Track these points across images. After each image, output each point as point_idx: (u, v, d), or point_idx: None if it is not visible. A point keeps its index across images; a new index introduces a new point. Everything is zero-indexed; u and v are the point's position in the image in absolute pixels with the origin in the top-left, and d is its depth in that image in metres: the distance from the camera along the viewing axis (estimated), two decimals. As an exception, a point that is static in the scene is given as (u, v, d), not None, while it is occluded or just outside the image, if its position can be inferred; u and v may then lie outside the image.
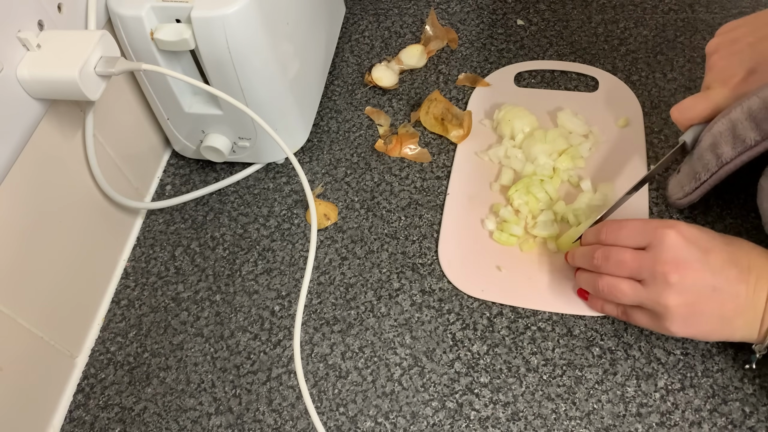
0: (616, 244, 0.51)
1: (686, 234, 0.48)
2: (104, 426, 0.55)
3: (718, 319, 0.47)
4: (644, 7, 0.77)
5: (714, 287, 0.46)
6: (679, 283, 0.46)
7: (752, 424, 0.49)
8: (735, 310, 0.47)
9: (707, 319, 0.47)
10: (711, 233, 0.49)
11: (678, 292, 0.47)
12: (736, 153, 0.51)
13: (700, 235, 0.48)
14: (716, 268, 0.47)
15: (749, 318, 0.47)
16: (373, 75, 0.74)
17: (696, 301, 0.47)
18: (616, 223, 0.52)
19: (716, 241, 0.48)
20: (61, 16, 0.52)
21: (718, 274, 0.46)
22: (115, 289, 0.63)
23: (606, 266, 0.51)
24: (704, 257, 0.47)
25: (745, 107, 0.50)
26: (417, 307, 0.58)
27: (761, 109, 0.48)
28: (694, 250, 0.47)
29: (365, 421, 0.53)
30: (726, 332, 0.48)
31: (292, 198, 0.67)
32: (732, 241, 0.49)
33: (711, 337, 0.50)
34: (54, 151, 0.54)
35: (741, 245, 0.49)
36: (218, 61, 0.57)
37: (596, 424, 0.51)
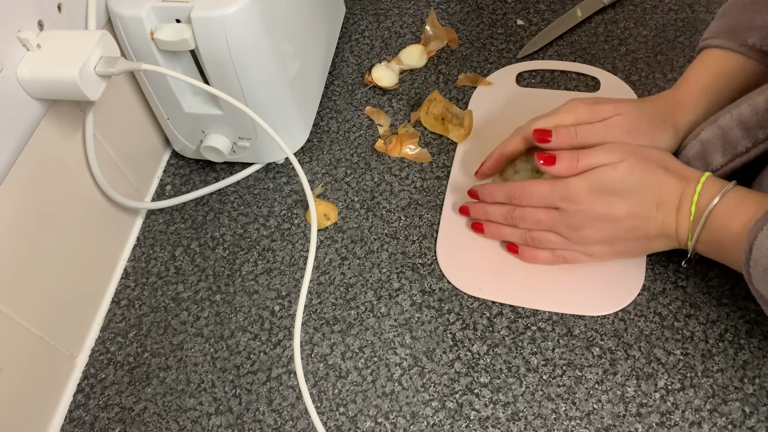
0: (530, 205, 0.55)
1: (589, 194, 0.51)
2: (104, 426, 0.55)
3: (636, 246, 0.54)
4: (644, 7, 0.77)
5: (625, 229, 0.52)
6: (592, 237, 0.53)
7: (752, 424, 0.49)
8: (648, 239, 0.52)
9: (626, 248, 0.54)
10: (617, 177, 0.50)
11: (594, 244, 0.54)
12: (726, 160, 0.52)
13: (603, 184, 0.51)
14: (623, 216, 0.51)
15: (664, 241, 0.52)
16: (373, 75, 0.74)
17: (612, 243, 0.54)
18: (524, 187, 0.55)
19: (624, 181, 0.50)
20: (61, 16, 0.52)
21: (626, 220, 0.51)
22: (115, 289, 0.63)
23: (524, 224, 0.56)
24: (610, 210, 0.51)
25: (735, 114, 0.51)
26: (417, 307, 0.58)
27: (752, 115, 0.50)
28: (600, 207, 0.51)
29: (365, 421, 0.53)
30: (647, 251, 0.56)
31: (292, 198, 0.67)
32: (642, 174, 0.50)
33: (635, 255, 0.57)
34: (54, 151, 0.54)
35: (652, 181, 0.50)
36: (218, 61, 0.57)
37: (596, 424, 0.51)
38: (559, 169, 0.52)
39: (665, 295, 0.56)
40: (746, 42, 0.53)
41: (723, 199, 0.47)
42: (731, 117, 0.51)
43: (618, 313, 0.56)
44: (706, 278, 0.56)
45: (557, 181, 0.53)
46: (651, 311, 0.55)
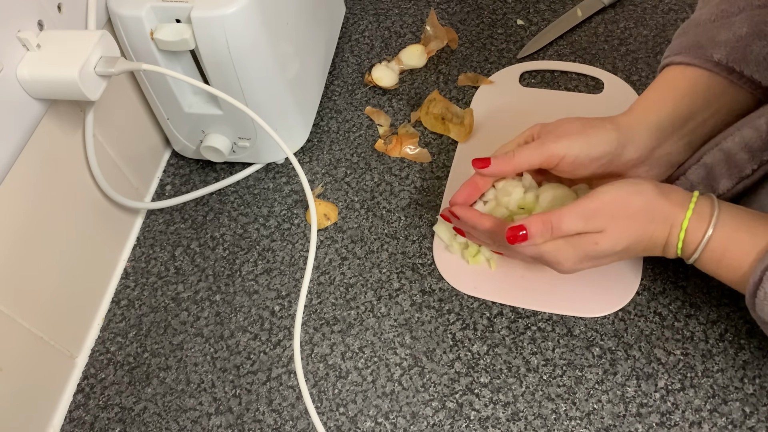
0: None
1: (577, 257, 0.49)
2: (104, 426, 0.55)
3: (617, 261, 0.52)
4: (644, 7, 0.77)
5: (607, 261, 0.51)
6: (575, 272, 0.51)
7: (752, 424, 0.49)
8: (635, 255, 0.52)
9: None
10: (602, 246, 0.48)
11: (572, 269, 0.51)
12: (732, 184, 0.51)
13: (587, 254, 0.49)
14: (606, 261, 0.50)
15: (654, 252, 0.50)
16: (373, 75, 0.74)
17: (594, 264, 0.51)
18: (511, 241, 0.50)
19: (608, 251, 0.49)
20: (61, 16, 0.52)
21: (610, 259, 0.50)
22: (115, 289, 0.63)
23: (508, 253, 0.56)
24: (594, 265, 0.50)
25: (737, 138, 0.50)
26: (417, 307, 0.58)
27: (756, 138, 0.49)
28: (585, 264, 0.50)
29: (365, 421, 0.53)
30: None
31: (292, 198, 0.67)
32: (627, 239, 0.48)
33: None
34: (54, 151, 0.54)
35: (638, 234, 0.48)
36: (218, 61, 0.57)
37: (596, 424, 0.51)
38: (533, 242, 0.50)
39: (665, 295, 0.56)
40: (711, 58, 0.52)
41: (711, 241, 0.47)
42: (734, 141, 0.50)
43: (618, 313, 0.56)
44: (706, 278, 0.56)
45: (537, 249, 0.50)
46: (651, 311, 0.55)
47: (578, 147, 0.51)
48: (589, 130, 0.52)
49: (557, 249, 0.49)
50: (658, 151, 0.53)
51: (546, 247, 0.49)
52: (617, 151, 0.52)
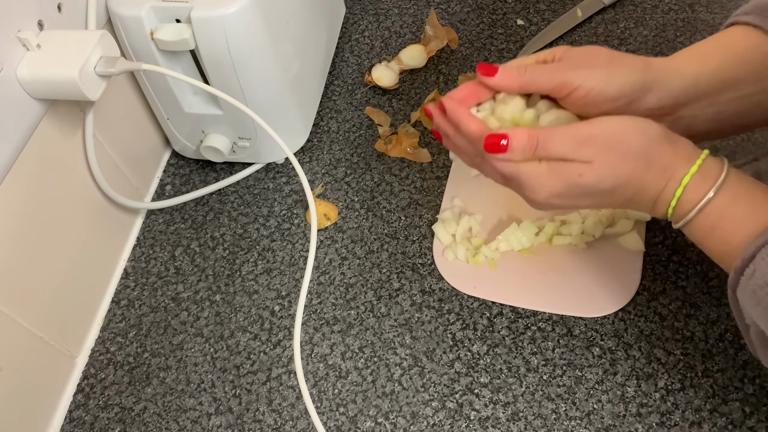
0: None
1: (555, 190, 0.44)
2: (104, 426, 0.55)
3: None
4: (644, 7, 0.77)
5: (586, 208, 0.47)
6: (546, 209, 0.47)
7: (752, 424, 0.49)
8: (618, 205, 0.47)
9: None
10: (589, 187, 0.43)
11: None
12: None
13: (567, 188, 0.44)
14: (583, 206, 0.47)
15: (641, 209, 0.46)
16: (373, 75, 0.74)
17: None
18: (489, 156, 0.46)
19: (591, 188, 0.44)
20: (61, 16, 0.52)
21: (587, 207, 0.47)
22: (115, 289, 0.63)
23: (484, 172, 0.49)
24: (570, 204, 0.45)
25: None
26: (417, 307, 0.58)
27: None
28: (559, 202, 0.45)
29: (365, 421, 0.53)
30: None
31: (292, 198, 0.67)
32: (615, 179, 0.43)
33: None
34: (54, 151, 0.54)
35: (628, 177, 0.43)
36: (218, 61, 0.57)
37: (596, 424, 0.51)
38: (512, 156, 0.44)
39: (665, 295, 0.56)
40: None
41: (708, 205, 0.42)
42: None
43: (618, 313, 0.56)
44: (706, 278, 0.56)
45: (514, 167, 0.45)
46: (651, 311, 0.55)
47: (595, 80, 0.45)
48: (613, 64, 0.46)
49: (536, 173, 0.44)
50: (683, 110, 0.48)
51: (524, 168, 0.44)
52: (638, 94, 0.46)
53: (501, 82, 0.47)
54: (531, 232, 0.59)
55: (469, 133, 0.46)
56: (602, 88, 0.45)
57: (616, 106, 0.46)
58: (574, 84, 0.45)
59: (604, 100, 0.45)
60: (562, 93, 0.46)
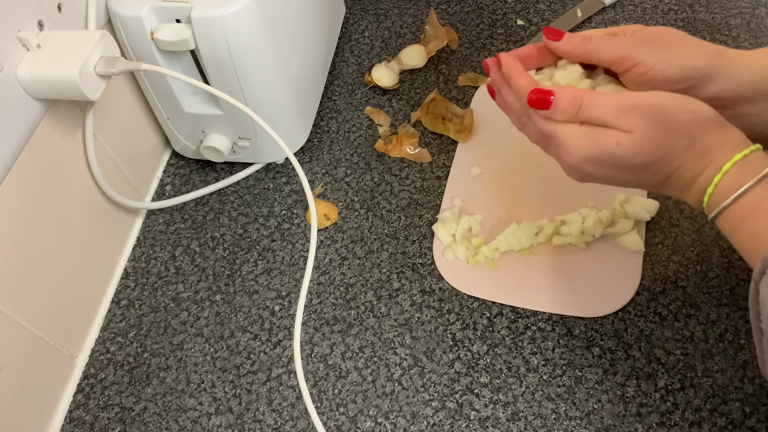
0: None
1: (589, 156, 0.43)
2: (104, 426, 0.55)
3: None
4: (644, 7, 0.77)
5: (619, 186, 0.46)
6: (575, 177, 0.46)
7: (752, 424, 0.49)
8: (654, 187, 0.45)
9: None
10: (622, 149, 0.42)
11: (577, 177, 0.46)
12: None
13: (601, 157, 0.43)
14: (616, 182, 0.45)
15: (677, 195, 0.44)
16: (373, 75, 0.74)
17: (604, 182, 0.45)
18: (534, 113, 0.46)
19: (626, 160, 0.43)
20: (61, 16, 0.52)
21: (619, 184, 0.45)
22: (115, 289, 0.63)
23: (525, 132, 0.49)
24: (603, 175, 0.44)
25: None
26: (417, 307, 0.58)
27: None
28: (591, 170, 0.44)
29: (365, 421, 0.53)
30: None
31: (292, 198, 0.67)
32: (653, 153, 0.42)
33: None
34: (54, 151, 0.54)
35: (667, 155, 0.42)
36: (218, 61, 0.57)
37: (596, 424, 0.51)
38: (554, 114, 0.44)
39: (665, 295, 0.56)
40: None
41: (745, 195, 0.40)
42: None
43: (618, 313, 0.56)
44: (706, 278, 0.56)
45: (554, 126, 0.44)
46: (651, 311, 0.55)
47: (658, 58, 0.44)
48: (682, 46, 0.45)
49: (574, 135, 0.43)
50: (747, 107, 0.45)
51: (564, 128, 0.44)
52: (701, 80, 0.44)
53: (565, 47, 0.47)
54: (531, 232, 0.59)
55: (519, 88, 0.46)
56: (663, 68, 0.44)
57: (676, 89, 0.44)
58: (636, 59, 0.44)
59: (663, 80, 0.44)
60: (622, 67, 0.45)
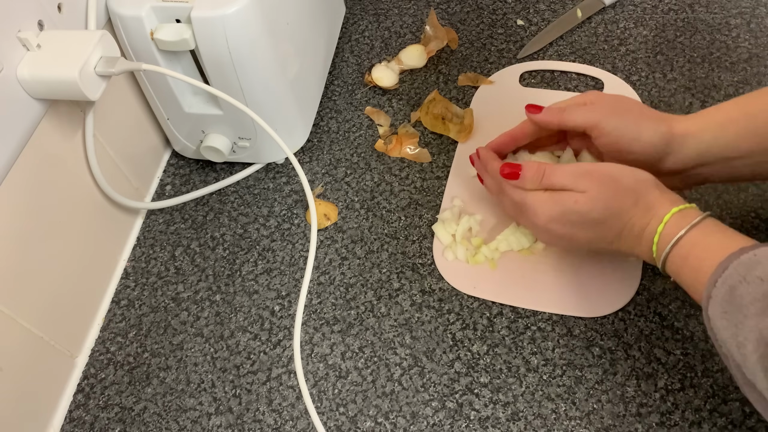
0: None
1: (552, 215, 0.50)
2: (104, 426, 0.55)
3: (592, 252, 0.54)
4: (644, 7, 0.77)
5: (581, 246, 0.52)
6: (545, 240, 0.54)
7: (752, 424, 0.49)
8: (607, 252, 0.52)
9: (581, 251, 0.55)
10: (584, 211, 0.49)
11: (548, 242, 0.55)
12: None
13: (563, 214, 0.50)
14: (578, 241, 0.51)
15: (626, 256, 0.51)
16: (373, 75, 0.74)
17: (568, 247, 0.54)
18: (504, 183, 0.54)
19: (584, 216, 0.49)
20: (61, 16, 0.52)
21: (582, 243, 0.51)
22: (115, 289, 0.63)
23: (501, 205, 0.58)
24: (565, 234, 0.50)
25: None
26: (417, 307, 0.58)
27: None
28: (557, 228, 0.50)
29: (365, 421, 0.53)
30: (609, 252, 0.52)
31: (292, 198, 0.67)
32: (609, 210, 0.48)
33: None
34: (54, 151, 0.54)
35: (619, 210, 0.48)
36: (218, 61, 0.57)
37: (596, 424, 0.51)
38: (523, 183, 0.52)
39: (665, 295, 0.56)
40: None
41: (683, 238, 0.44)
42: None
43: (618, 313, 0.56)
44: (706, 278, 0.56)
45: (523, 194, 0.52)
46: (651, 311, 0.55)
47: (625, 131, 0.51)
48: (642, 121, 0.51)
49: (540, 199, 0.51)
50: (699, 169, 0.52)
51: (531, 195, 0.51)
52: (658, 157, 0.51)
53: (545, 119, 0.55)
54: (530, 232, 0.59)
55: (493, 170, 0.55)
56: (629, 142, 0.51)
57: (640, 160, 0.51)
58: (606, 130, 0.51)
59: (629, 151, 0.51)
60: (593, 133, 0.52)
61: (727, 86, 0.68)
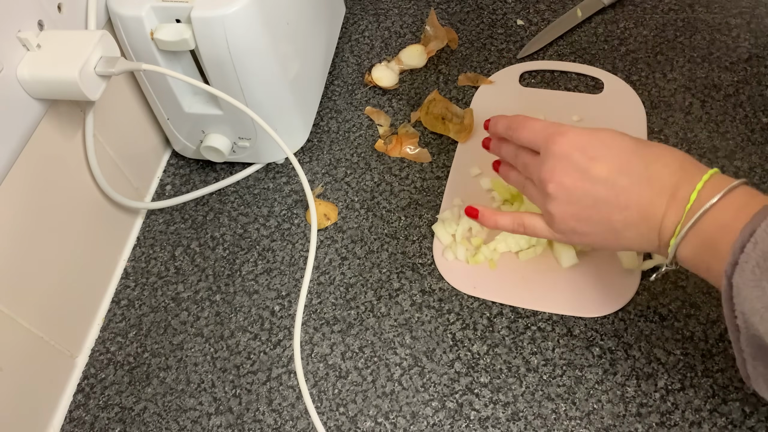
0: (519, 143, 0.50)
1: (575, 141, 0.45)
2: (104, 426, 0.55)
3: (605, 230, 0.45)
4: (644, 7, 0.77)
5: (595, 198, 0.44)
6: (555, 193, 0.46)
7: (752, 424, 0.49)
8: (623, 222, 0.44)
9: (593, 230, 0.46)
10: (611, 139, 0.45)
11: (557, 203, 0.46)
12: None
13: (590, 142, 0.45)
14: (599, 178, 0.44)
15: (642, 230, 0.44)
16: (373, 75, 0.74)
17: (578, 212, 0.46)
18: (522, 121, 0.49)
19: (612, 149, 0.45)
20: (61, 16, 0.52)
21: (601, 184, 0.44)
22: (115, 289, 0.63)
23: (516, 164, 0.52)
24: (587, 165, 0.44)
25: None
26: (417, 307, 0.58)
27: None
28: (578, 158, 0.45)
29: (365, 421, 0.53)
30: (618, 243, 0.46)
31: (292, 198, 0.67)
32: (640, 149, 0.44)
33: (606, 247, 0.48)
34: (54, 151, 0.54)
35: (652, 153, 0.44)
36: (218, 61, 0.57)
37: (596, 424, 0.51)
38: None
39: (665, 295, 0.56)
40: None
41: (732, 192, 0.40)
42: None
43: (618, 313, 0.56)
44: (706, 278, 0.56)
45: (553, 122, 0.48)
46: (651, 311, 0.55)
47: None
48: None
49: (567, 128, 0.46)
50: None
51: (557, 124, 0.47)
52: None
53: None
54: None
55: None
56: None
57: None
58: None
59: None
60: None
61: (727, 86, 0.68)
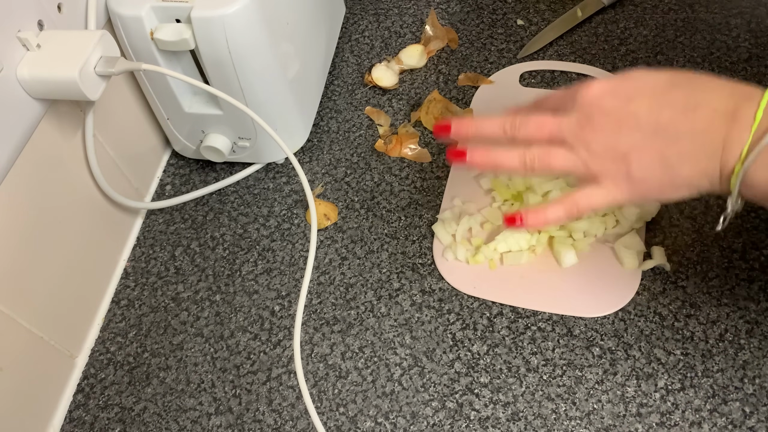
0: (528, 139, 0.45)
1: (603, 88, 0.41)
2: (104, 426, 0.55)
3: (659, 171, 0.40)
4: (644, 7, 0.77)
5: (643, 136, 0.40)
6: (601, 139, 0.41)
7: (752, 424, 0.49)
8: (678, 155, 0.39)
9: (647, 174, 0.40)
10: (641, 77, 0.41)
11: (605, 152, 0.41)
12: None
13: (620, 85, 0.41)
14: (640, 117, 0.40)
15: (700, 161, 0.39)
16: (373, 75, 0.74)
17: (626, 158, 0.40)
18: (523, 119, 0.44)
19: (647, 85, 0.41)
20: (61, 16, 0.52)
21: (644, 121, 0.40)
22: (115, 289, 0.63)
23: (525, 131, 0.44)
24: (626, 107, 0.40)
25: None
26: (417, 307, 0.58)
27: None
28: (611, 103, 0.41)
29: (365, 421, 0.53)
30: (674, 186, 0.41)
31: (292, 198, 0.67)
32: (678, 79, 0.40)
33: (662, 194, 0.42)
34: (54, 151, 0.54)
35: (693, 81, 0.40)
36: (218, 61, 0.57)
37: (596, 424, 0.51)
38: None
39: (665, 295, 0.56)
40: None
41: None
42: None
43: (618, 313, 0.56)
44: (706, 278, 0.56)
45: None
46: (651, 311, 0.55)
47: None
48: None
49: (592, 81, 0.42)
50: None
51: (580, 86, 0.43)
52: None
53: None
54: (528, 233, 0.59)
55: None
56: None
57: None
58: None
59: None
60: None
61: (727, 86, 0.68)
